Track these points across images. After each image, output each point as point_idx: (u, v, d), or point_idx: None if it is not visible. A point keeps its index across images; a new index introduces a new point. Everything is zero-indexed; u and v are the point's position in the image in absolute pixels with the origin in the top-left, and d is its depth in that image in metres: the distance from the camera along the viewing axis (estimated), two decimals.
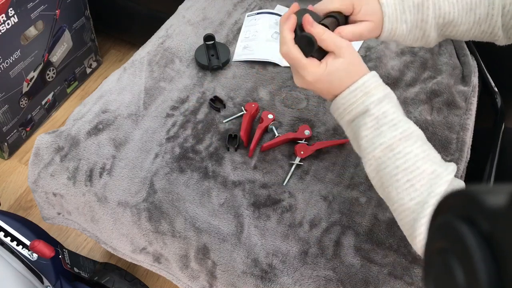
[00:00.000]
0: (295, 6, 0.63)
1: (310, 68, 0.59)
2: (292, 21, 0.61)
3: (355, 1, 0.63)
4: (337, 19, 0.63)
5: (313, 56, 0.61)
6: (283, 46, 0.61)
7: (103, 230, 0.89)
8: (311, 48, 0.60)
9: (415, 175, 0.53)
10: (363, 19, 0.64)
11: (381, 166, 0.56)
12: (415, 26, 0.65)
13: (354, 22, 0.64)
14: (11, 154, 1.55)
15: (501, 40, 0.68)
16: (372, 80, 0.58)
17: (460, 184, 0.55)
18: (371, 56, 1.04)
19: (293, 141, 0.90)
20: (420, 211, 0.52)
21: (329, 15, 0.64)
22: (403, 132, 0.55)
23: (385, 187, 0.56)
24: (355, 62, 0.59)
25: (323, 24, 0.61)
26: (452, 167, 0.55)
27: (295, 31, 0.62)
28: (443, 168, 0.54)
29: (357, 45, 1.07)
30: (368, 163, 0.58)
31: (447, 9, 0.64)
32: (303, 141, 0.88)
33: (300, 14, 0.62)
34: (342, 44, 0.59)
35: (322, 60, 0.60)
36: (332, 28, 0.63)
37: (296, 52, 0.60)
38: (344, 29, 0.63)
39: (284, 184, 0.84)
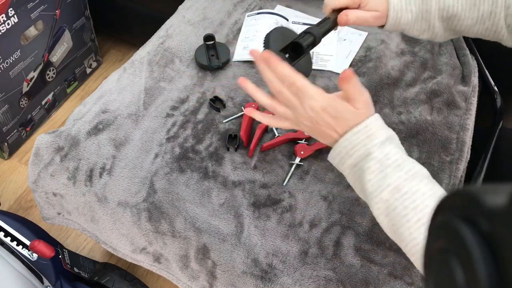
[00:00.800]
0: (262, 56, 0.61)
1: (316, 95, 0.58)
2: (274, 59, 0.60)
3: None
4: (314, 36, 0.66)
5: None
6: (290, 79, 0.59)
7: (103, 230, 0.89)
8: (300, 51, 0.62)
9: (425, 213, 0.52)
10: (371, 9, 0.70)
11: (389, 208, 0.55)
12: (420, 17, 0.69)
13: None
14: (11, 154, 1.55)
15: (506, 41, 0.70)
16: (375, 123, 0.57)
17: None
18: (371, 56, 1.04)
19: (293, 141, 0.90)
20: None
21: (318, 23, 0.68)
22: (408, 172, 0.54)
23: (396, 229, 0.55)
24: (367, 103, 0.59)
25: (297, 46, 0.65)
26: None
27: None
28: None
29: (357, 45, 1.07)
30: (376, 207, 0.56)
31: (451, 2, 0.68)
32: (303, 141, 0.88)
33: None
34: (362, 97, 0.58)
35: (334, 94, 0.59)
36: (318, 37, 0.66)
37: (301, 79, 0.58)
38: (350, 12, 0.68)
39: (284, 184, 0.84)
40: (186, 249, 0.80)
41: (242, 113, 0.94)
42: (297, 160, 0.86)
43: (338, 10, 0.70)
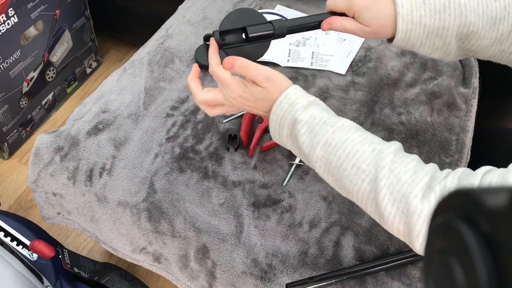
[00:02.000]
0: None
1: (233, 85, 0.62)
2: (214, 44, 0.67)
3: (356, 6, 0.64)
4: (274, 28, 0.66)
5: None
6: (210, 68, 0.66)
7: (103, 230, 0.89)
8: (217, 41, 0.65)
9: (358, 158, 0.54)
10: (363, 23, 0.65)
11: (327, 163, 0.56)
12: (435, 33, 0.62)
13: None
14: (11, 154, 1.55)
15: None
16: (294, 92, 0.60)
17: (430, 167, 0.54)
18: (371, 56, 1.04)
19: None
20: (374, 187, 0.52)
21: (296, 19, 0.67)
22: (334, 125, 0.56)
23: (338, 182, 0.57)
24: (278, 82, 0.61)
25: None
26: (394, 145, 0.55)
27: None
28: (383, 145, 0.55)
29: (357, 45, 1.07)
30: (317, 166, 0.58)
31: (472, 19, 0.61)
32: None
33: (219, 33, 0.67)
34: (261, 80, 0.61)
35: (244, 82, 0.63)
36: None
37: (220, 70, 0.64)
38: (335, 21, 0.66)
39: (284, 184, 0.84)
40: (185, 249, 0.81)
41: (242, 113, 0.94)
42: (297, 160, 0.86)
43: (338, 13, 0.68)
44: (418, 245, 0.50)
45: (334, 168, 0.56)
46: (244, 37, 0.66)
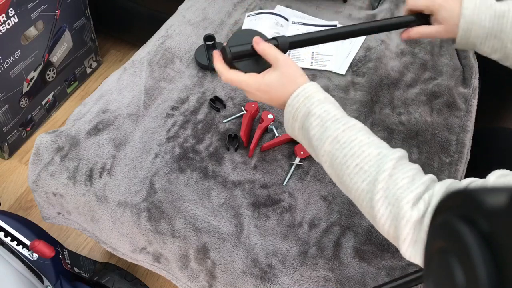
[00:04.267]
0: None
1: (249, 80, 0.65)
2: (218, 55, 0.68)
3: (435, 6, 0.72)
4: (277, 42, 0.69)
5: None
6: (221, 76, 0.67)
7: (103, 230, 0.90)
8: (226, 56, 0.66)
9: (362, 159, 0.55)
10: (440, 20, 0.73)
11: (332, 158, 0.58)
12: (493, 35, 0.69)
13: (433, 23, 0.75)
14: (11, 154, 1.55)
15: None
16: (312, 87, 0.62)
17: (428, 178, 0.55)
18: (371, 56, 1.04)
19: (293, 141, 0.90)
20: (372, 189, 0.54)
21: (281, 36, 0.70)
22: (345, 124, 0.58)
23: (340, 178, 0.58)
24: (292, 74, 0.64)
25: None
26: (399, 152, 0.56)
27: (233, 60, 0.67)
28: (388, 150, 0.56)
29: (357, 45, 1.07)
30: (323, 160, 0.60)
31: None
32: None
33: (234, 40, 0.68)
34: (279, 57, 0.64)
35: (262, 73, 0.66)
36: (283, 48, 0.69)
37: (232, 73, 0.66)
38: (412, 30, 0.75)
39: (284, 184, 0.84)
40: (185, 249, 0.81)
41: (242, 113, 0.94)
42: (297, 160, 0.86)
43: (415, 13, 0.76)
44: (404, 250, 0.52)
45: (338, 165, 0.57)
46: (251, 50, 0.68)
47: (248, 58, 0.68)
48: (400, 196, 0.51)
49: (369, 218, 0.57)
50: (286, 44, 0.70)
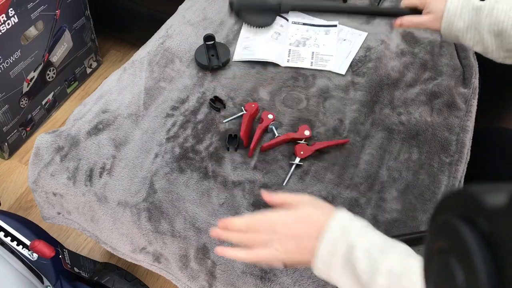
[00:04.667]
0: None
1: (283, 213, 0.57)
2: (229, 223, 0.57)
3: (427, 0, 0.79)
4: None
5: None
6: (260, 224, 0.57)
7: (103, 230, 0.90)
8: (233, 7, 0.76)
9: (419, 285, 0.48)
10: (431, 11, 0.78)
11: None
12: (472, 27, 0.74)
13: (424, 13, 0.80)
14: (11, 154, 1.55)
15: None
16: (343, 214, 0.55)
17: None
18: (371, 57, 1.04)
19: (293, 141, 0.90)
20: None
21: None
22: (395, 252, 0.52)
23: None
24: (319, 204, 0.57)
25: None
26: None
27: None
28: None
29: (357, 45, 1.07)
30: None
31: (501, 17, 0.71)
32: (303, 141, 0.88)
33: None
34: (303, 199, 0.57)
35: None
36: None
37: (261, 216, 0.57)
38: (404, 18, 0.80)
39: (284, 184, 0.84)
40: (185, 249, 0.81)
41: (242, 113, 0.94)
42: (297, 160, 0.86)
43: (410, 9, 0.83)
44: None
45: None
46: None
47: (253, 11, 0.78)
48: None
49: None
50: (287, 6, 0.79)
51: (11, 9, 1.30)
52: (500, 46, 0.73)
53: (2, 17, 1.28)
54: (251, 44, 1.07)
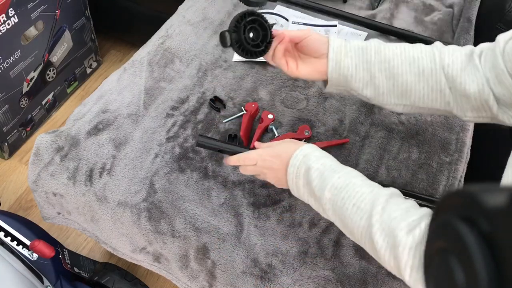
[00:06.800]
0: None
1: (257, 152, 0.72)
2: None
3: (306, 40, 0.72)
4: None
5: None
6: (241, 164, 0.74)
7: (103, 230, 0.90)
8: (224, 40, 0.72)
9: (358, 198, 0.59)
10: (303, 51, 0.73)
11: (333, 205, 0.61)
12: (361, 66, 0.69)
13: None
14: (11, 154, 1.55)
15: (456, 110, 0.68)
16: (308, 146, 0.67)
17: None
18: None
19: None
20: (369, 223, 0.56)
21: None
22: (340, 172, 0.63)
23: (342, 222, 0.61)
24: (289, 143, 0.71)
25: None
26: (391, 189, 0.59)
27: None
28: (380, 188, 0.60)
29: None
30: (326, 208, 0.62)
31: (390, 55, 0.68)
32: (302, 141, 0.88)
33: None
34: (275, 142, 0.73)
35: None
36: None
37: (244, 154, 0.73)
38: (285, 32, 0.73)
39: None
40: (185, 249, 0.81)
41: (242, 113, 0.94)
42: None
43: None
44: (407, 276, 0.52)
45: (338, 209, 0.60)
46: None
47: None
48: (394, 226, 0.53)
49: (373, 255, 0.59)
50: None
51: (11, 9, 1.30)
52: (392, 90, 0.69)
53: (2, 17, 1.28)
54: None
